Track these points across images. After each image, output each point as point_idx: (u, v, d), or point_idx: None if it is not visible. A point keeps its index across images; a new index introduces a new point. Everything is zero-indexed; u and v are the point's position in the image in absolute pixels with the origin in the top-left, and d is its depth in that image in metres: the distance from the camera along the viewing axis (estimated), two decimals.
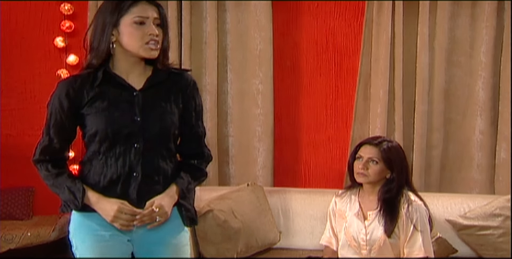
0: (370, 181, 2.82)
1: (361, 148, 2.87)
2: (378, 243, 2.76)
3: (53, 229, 4.09)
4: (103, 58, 2.04)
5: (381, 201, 2.78)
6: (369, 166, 2.80)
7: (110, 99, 2.05)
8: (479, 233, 3.40)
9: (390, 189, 2.78)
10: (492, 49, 3.90)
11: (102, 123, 2.03)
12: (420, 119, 3.97)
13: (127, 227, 2.04)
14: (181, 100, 2.13)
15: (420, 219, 2.74)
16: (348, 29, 4.16)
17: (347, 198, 2.94)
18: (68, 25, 4.23)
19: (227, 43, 4.19)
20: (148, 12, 2.02)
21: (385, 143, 2.83)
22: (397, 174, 2.78)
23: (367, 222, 2.81)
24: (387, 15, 3.93)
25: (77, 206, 2.07)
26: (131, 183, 2.06)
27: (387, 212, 2.76)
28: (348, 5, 4.14)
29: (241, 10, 4.15)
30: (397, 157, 2.81)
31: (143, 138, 2.05)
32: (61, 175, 2.11)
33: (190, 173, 2.17)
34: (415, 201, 2.78)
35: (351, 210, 2.88)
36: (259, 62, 4.11)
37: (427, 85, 3.98)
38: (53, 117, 2.11)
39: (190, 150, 2.21)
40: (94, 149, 2.08)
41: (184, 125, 2.15)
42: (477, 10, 3.94)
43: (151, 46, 2.02)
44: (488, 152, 3.96)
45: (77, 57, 4.27)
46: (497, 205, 3.45)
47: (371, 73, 4.06)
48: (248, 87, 4.18)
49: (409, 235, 2.72)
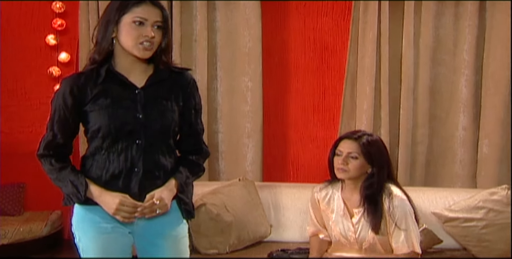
0: (350, 176, 2.76)
1: (340, 143, 2.80)
2: (368, 241, 2.73)
3: (45, 225, 4.14)
4: (105, 54, 2.09)
5: (363, 198, 2.74)
6: (349, 161, 2.74)
7: (113, 96, 2.11)
8: (463, 225, 3.51)
9: (371, 184, 2.73)
10: (474, 47, 4.00)
11: (105, 120, 2.09)
12: (406, 115, 4.06)
13: (129, 220, 2.11)
14: (182, 98, 2.20)
15: (401, 216, 2.70)
16: (335, 28, 4.24)
17: (330, 194, 2.88)
18: (60, 23, 4.26)
19: (217, 41, 4.25)
20: (149, 14, 2.08)
21: (365, 137, 2.76)
22: (378, 168, 2.73)
23: (354, 220, 2.78)
24: (373, 14, 4.02)
25: (80, 199, 2.12)
26: (132, 177, 2.13)
27: (371, 210, 2.71)
28: (335, 4, 4.22)
29: (230, 8, 4.21)
30: (377, 151, 2.75)
31: (145, 134, 2.12)
32: (64, 169, 2.16)
33: (189, 168, 2.23)
34: (397, 195, 2.74)
35: (336, 209, 2.83)
36: (248, 59, 4.17)
37: (412, 82, 4.06)
38: (57, 114, 2.17)
39: (189, 146, 2.28)
40: (97, 145, 2.13)
41: (184, 122, 2.22)
42: (460, 9, 4.04)
43: (144, 47, 2.08)
44: (470, 148, 4.06)
45: (68, 55, 4.31)
46: (480, 198, 3.56)
47: (357, 70, 4.13)
48: (237, 84, 4.25)
49: (392, 232, 2.70)
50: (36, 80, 4.37)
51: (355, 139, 2.76)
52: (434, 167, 4.15)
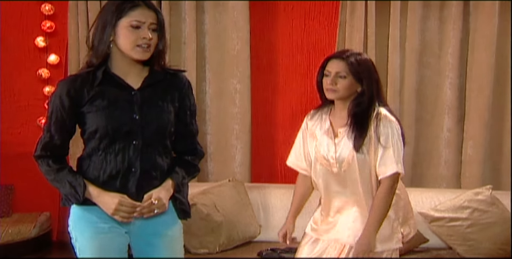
0: (340, 96, 2.67)
1: (328, 64, 2.70)
2: (347, 160, 2.65)
3: (34, 226, 4.15)
4: (102, 57, 2.13)
5: (351, 116, 2.66)
6: (337, 81, 2.64)
7: (110, 98, 2.14)
8: (449, 224, 3.58)
9: (361, 102, 2.65)
10: (458, 50, 4.08)
11: (103, 121, 2.12)
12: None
13: (127, 219, 2.13)
14: (177, 99, 2.23)
15: (389, 136, 2.63)
16: (323, 31, 4.30)
17: (318, 118, 2.80)
18: (49, 25, 4.28)
19: (206, 44, 4.29)
20: (146, 17, 2.12)
21: (353, 56, 2.67)
22: (367, 86, 2.64)
23: (337, 140, 2.70)
24: (360, 17, 4.08)
25: (78, 200, 2.14)
26: (129, 178, 2.16)
27: (356, 126, 2.64)
28: (322, 7, 4.27)
29: (219, 11, 4.26)
30: (366, 70, 2.66)
31: (142, 135, 2.15)
32: (62, 170, 2.18)
33: (185, 169, 2.27)
34: (386, 116, 2.67)
35: (321, 129, 2.76)
36: (237, 62, 4.22)
37: (398, 85, 4.13)
38: (54, 115, 2.18)
39: (184, 147, 2.31)
40: (94, 146, 2.16)
41: (179, 123, 2.25)
42: (444, 13, 4.12)
43: (142, 49, 2.12)
44: (455, 149, 4.13)
45: (57, 57, 4.33)
46: (465, 198, 3.64)
47: None
48: (226, 86, 4.29)
49: (380, 153, 2.62)
50: (25, 82, 4.37)
51: (343, 59, 2.66)
52: (419, 168, 4.22)
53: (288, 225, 2.79)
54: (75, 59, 4.25)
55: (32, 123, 4.39)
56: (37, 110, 4.38)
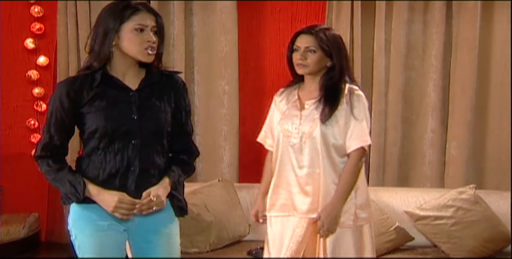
0: (310, 71, 2.70)
1: (297, 39, 2.74)
2: (309, 131, 2.67)
3: (23, 227, 4.17)
4: (104, 61, 2.20)
5: (323, 89, 2.70)
6: (307, 56, 2.67)
7: (109, 98, 2.21)
8: (433, 223, 3.67)
9: (332, 76, 2.69)
10: (442, 53, 4.17)
11: (102, 121, 2.18)
12: (377, 118, 4.20)
13: (127, 216, 2.20)
14: (173, 99, 2.30)
15: (362, 109, 2.69)
16: None
17: (287, 93, 2.83)
18: (38, 27, 4.30)
19: (194, 46, 4.35)
20: (148, 20, 2.20)
21: (322, 31, 2.71)
22: (338, 60, 2.69)
23: (303, 111, 2.72)
24: (346, 20, 4.16)
25: (78, 198, 2.20)
26: (129, 176, 2.22)
27: (328, 98, 2.67)
28: (309, 9, 4.34)
29: (207, 13, 4.31)
30: (335, 44, 2.70)
31: (140, 135, 2.21)
32: (62, 170, 2.24)
33: (181, 167, 2.34)
34: (358, 89, 2.73)
35: (288, 102, 2.79)
36: (225, 64, 4.28)
37: (383, 86, 4.21)
38: (53, 116, 2.24)
39: (180, 146, 2.38)
40: (93, 145, 2.22)
41: (175, 123, 2.32)
42: (428, 17, 4.21)
43: (148, 52, 2.20)
44: (439, 150, 4.22)
45: (47, 58, 4.35)
46: (450, 197, 3.73)
47: None
48: (214, 88, 4.34)
49: (351, 126, 2.67)
50: (14, 84, 4.38)
51: (312, 33, 2.69)
52: (404, 168, 4.30)
53: (259, 203, 2.84)
54: (64, 61, 4.29)
55: (21, 124, 4.41)
56: (26, 111, 4.40)
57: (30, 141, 4.41)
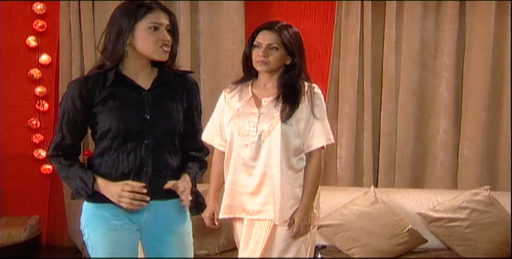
0: (271, 68, 2.71)
1: (259, 35, 2.74)
2: (268, 130, 2.68)
3: (24, 229, 4.20)
4: (117, 60, 2.25)
5: (282, 87, 2.71)
6: (269, 53, 2.68)
7: (121, 98, 2.26)
8: (447, 225, 3.71)
9: (292, 75, 2.71)
10: (455, 51, 4.20)
11: (115, 121, 2.24)
12: (387, 118, 4.24)
13: (132, 205, 2.22)
14: (185, 99, 2.37)
15: (322, 108, 2.73)
16: (319, 31, 4.41)
17: (238, 90, 2.82)
18: (41, 24, 4.34)
19: (200, 44, 4.39)
20: (162, 19, 2.25)
21: (285, 28, 2.72)
22: (298, 59, 2.71)
23: (260, 109, 2.72)
24: (356, 17, 4.20)
25: (87, 192, 2.25)
26: (141, 176, 2.27)
27: (288, 97, 2.68)
28: (318, 7, 4.38)
29: (213, 11, 4.35)
30: (297, 42, 2.72)
31: (153, 135, 2.27)
32: (73, 166, 2.30)
33: (197, 164, 2.42)
34: (316, 88, 2.75)
35: (241, 100, 2.78)
36: (232, 62, 4.31)
37: (393, 85, 4.24)
38: (65, 116, 2.29)
39: (192, 145, 2.45)
40: (106, 145, 2.28)
41: (187, 122, 2.39)
42: (441, 13, 4.24)
43: (163, 50, 2.25)
44: (451, 150, 4.25)
45: (49, 57, 4.39)
46: (464, 199, 3.77)
47: (340, 73, 4.30)
48: (220, 87, 4.28)
49: (312, 125, 2.69)
50: (16, 82, 4.43)
51: (275, 30, 2.70)
52: (416, 170, 4.32)
53: (212, 206, 2.83)
54: (67, 59, 4.33)
55: (22, 124, 4.45)
56: (28, 111, 4.44)
57: (31, 141, 4.46)
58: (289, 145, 2.68)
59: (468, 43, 4.19)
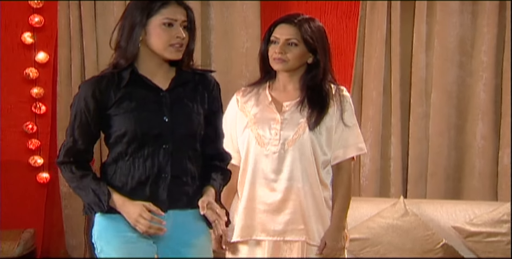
0: (289, 67, 2.66)
1: (276, 29, 2.68)
2: (294, 137, 2.64)
3: (17, 244, 4.23)
4: (131, 58, 2.27)
5: (305, 89, 2.66)
6: (287, 50, 2.63)
7: (138, 99, 2.29)
8: (487, 240, 3.72)
9: (316, 75, 2.66)
10: (493, 48, 4.19)
11: (131, 124, 2.26)
12: (417, 123, 4.25)
13: (146, 233, 2.25)
14: (206, 100, 2.39)
15: (352, 114, 2.69)
16: (341, 27, 4.44)
17: (253, 94, 2.78)
18: (38, 19, 4.37)
19: (211, 41, 4.44)
20: (177, 14, 2.28)
21: (306, 21, 2.66)
22: (322, 57, 2.65)
23: (282, 115, 2.67)
24: (382, 11, 4.23)
25: (102, 208, 2.27)
26: (160, 184, 2.30)
27: (314, 101, 2.63)
28: (340, 1, 4.40)
29: (226, 5, 4.39)
30: (320, 37, 2.67)
31: (172, 138, 2.29)
32: (86, 177, 2.31)
33: (220, 175, 2.43)
34: (344, 91, 2.71)
35: (259, 104, 2.73)
36: (246, 61, 4.35)
37: (424, 86, 4.26)
38: (77, 119, 2.31)
39: (214, 151, 2.45)
40: (121, 150, 2.30)
41: (209, 126, 2.40)
42: (478, 7, 4.23)
43: (176, 48, 2.27)
44: (490, 159, 4.23)
45: (47, 55, 4.42)
46: (504, 211, 3.77)
47: (364, 73, 4.32)
48: (233, 88, 4.29)
49: (339, 133, 2.66)
50: (10, 83, 4.46)
51: (294, 24, 2.65)
52: (451, 180, 4.31)
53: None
54: (66, 57, 4.37)
55: (17, 128, 4.48)
56: (23, 114, 4.48)
57: (27, 147, 4.48)
58: (317, 155, 2.65)
59: (508, 39, 4.18)
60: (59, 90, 4.41)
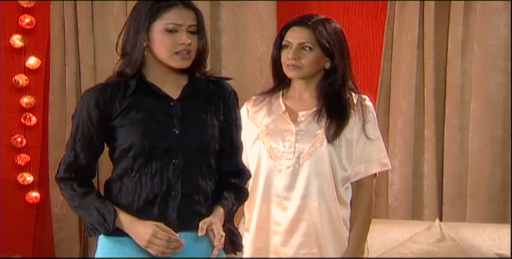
0: (304, 74, 2.67)
1: (288, 32, 2.70)
2: (309, 151, 2.65)
3: None
4: (137, 66, 2.29)
5: (323, 98, 2.68)
6: (301, 55, 2.64)
7: (146, 109, 2.30)
8: None
9: (334, 81, 2.67)
10: None
11: (138, 136, 2.27)
12: (453, 136, 4.25)
13: (163, 254, 2.24)
14: (222, 111, 2.39)
15: (375, 124, 2.71)
16: (366, 27, 4.45)
17: (265, 103, 2.82)
18: (29, 20, 4.38)
19: (222, 44, 4.45)
20: (183, 18, 2.27)
21: (321, 22, 2.67)
22: (340, 62, 2.66)
23: (297, 126, 2.69)
24: (414, 10, 4.23)
25: (107, 229, 2.27)
26: (169, 203, 2.30)
27: (333, 111, 2.65)
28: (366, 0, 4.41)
29: (238, 4, 4.42)
30: (337, 40, 2.68)
31: (183, 153, 2.30)
32: (89, 195, 2.32)
33: (234, 194, 2.41)
34: (367, 100, 2.73)
35: (271, 114, 2.75)
36: (260, 67, 4.35)
37: (460, 95, 4.24)
38: (79, 130, 2.32)
39: (230, 167, 2.45)
40: (126, 166, 2.30)
41: (224, 139, 2.40)
42: None
43: (181, 56, 2.28)
44: None
45: (38, 60, 4.44)
46: None
47: (391, 80, 4.31)
48: (246, 97, 4.29)
49: (360, 146, 2.67)
50: None
51: (308, 26, 2.66)
52: (494, 200, 4.26)
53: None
54: (59, 63, 4.40)
55: (4, 142, 4.50)
56: (11, 126, 4.49)
57: (15, 163, 4.48)
58: (335, 171, 2.67)
59: None
60: (52, 99, 4.42)
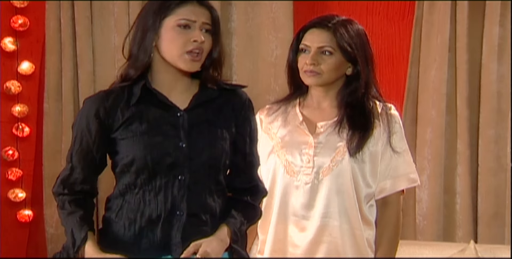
0: (324, 81, 2.68)
1: (306, 35, 2.73)
2: (329, 165, 2.67)
3: None
4: (142, 69, 2.31)
5: (344, 107, 2.69)
6: (321, 60, 2.65)
7: (150, 120, 2.31)
8: None
9: (356, 89, 2.69)
10: None
11: (141, 150, 2.28)
12: (489, 149, 4.20)
13: None
14: (234, 123, 2.41)
15: (402, 137, 2.74)
16: (392, 30, 4.43)
17: (280, 112, 2.83)
18: (22, 21, 4.40)
19: (233, 48, 4.45)
20: (197, 15, 2.30)
21: (342, 24, 2.68)
22: (363, 67, 2.68)
23: (316, 138, 2.70)
24: (445, 10, 4.20)
25: (69, 255, 2.30)
26: (174, 223, 2.30)
27: (355, 121, 2.67)
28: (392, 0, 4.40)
29: (251, 5, 4.43)
30: (360, 44, 2.69)
31: (189, 168, 2.31)
32: (72, 215, 2.34)
33: (243, 212, 2.41)
34: (393, 109, 2.76)
35: (287, 125, 2.78)
36: (275, 72, 4.35)
37: (495, 102, 4.20)
38: (77, 142, 2.35)
39: (243, 184, 2.46)
40: (129, 182, 2.32)
41: (236, 153, 2.41)
42: None
43: (192, 57, 2.29)
44: None
45: (32, 65, 4.45)
46: None
47: (419, 87, 4.30)
48: (260, 106, 4.29)
49: (386, 160, 2.69)
50: None
51: (328, 28, 2.67)
52: None
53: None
54: (55, 68, 4.42)
55: None
56: (2, 137, 4.48)
57: (5, 178, 4.48)
58: (358, 187, 2.68)
59: None
60: (47, 108, 4.43)
